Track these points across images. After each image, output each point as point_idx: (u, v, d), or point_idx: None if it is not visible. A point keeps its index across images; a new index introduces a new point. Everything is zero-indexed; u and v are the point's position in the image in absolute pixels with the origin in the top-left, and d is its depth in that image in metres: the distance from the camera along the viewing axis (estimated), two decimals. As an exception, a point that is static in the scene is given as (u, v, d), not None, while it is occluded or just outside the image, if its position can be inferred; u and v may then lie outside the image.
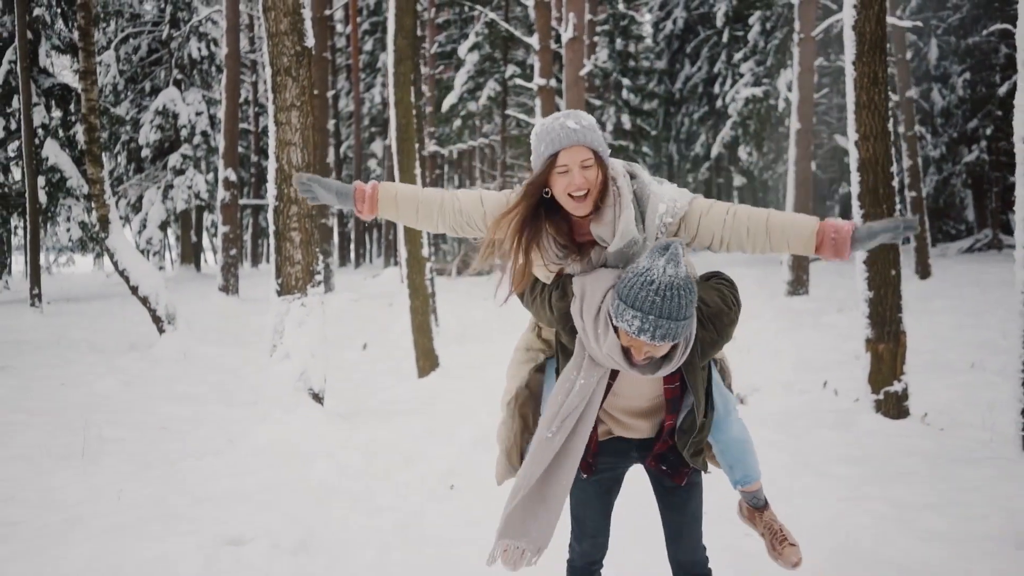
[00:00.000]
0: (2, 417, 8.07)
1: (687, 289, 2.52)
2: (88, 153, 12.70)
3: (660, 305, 2.49)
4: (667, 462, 2.98)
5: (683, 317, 2.52)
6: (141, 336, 14.01)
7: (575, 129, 2.65)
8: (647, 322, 2.49)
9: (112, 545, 4.39)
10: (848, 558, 4.08)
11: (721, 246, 2.79)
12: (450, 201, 2.92)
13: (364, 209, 2.92)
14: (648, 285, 2.51)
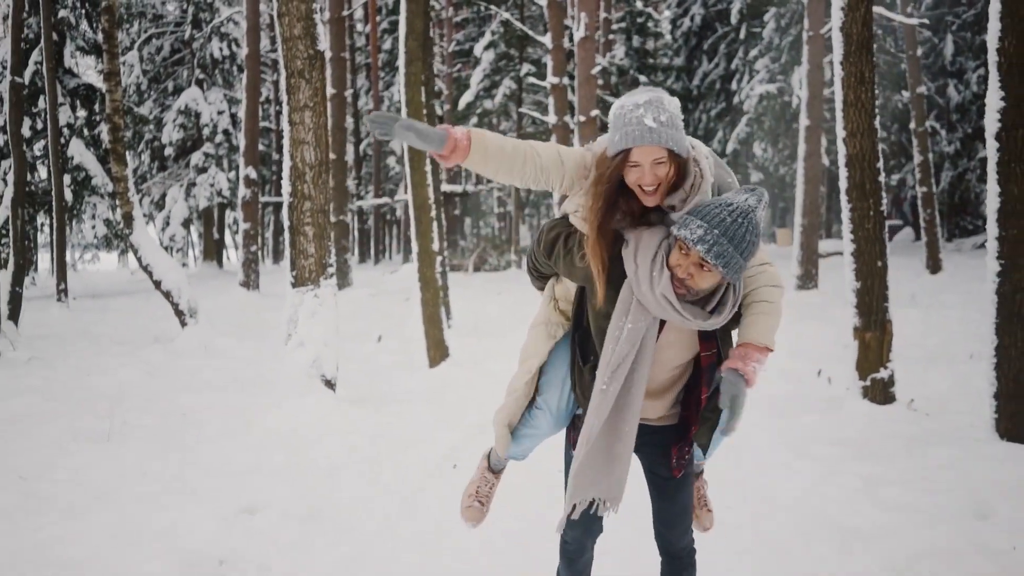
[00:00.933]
0: (34, 404, 8.47)
1: (756, 230, 2.52)
2: (113, 152, 13.11)
3: (729, 225, 2.49)
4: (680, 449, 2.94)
5: (743, 250, 2.50)
6: (164, 330, 14.43)
7: (652, 128, 2.59)
8: (710, 235, 2.48)
9: (136, 514, 4.76)
10: (813, 525, 4.39)
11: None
12: (532, 159, 2.88)
13: (451, 156, 2.83)
14: (727, 205, 2.52)
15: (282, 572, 4.06)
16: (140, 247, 13.03)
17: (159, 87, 31.35)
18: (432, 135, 2.77)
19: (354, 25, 33.02)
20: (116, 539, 4.33)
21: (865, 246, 7.00)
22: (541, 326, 3.07)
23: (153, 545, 4.23)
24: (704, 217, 2.50)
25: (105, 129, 24.41)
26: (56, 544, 4.32)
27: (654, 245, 2.65)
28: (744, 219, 2.49)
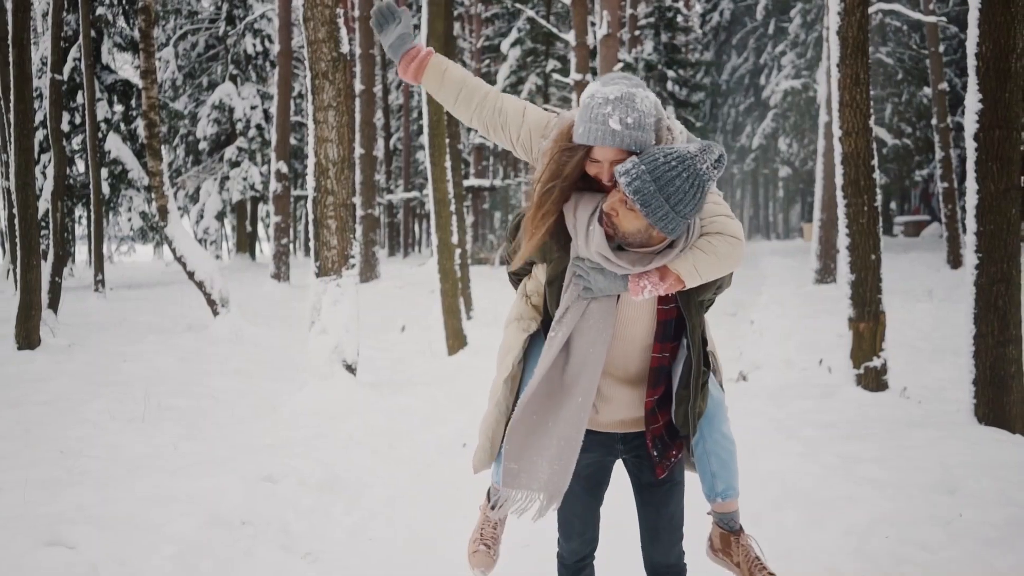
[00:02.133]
0: (73, 387, 8.97)
1: (693, 178, 2.44)
2: (149, 147, 13.61)
3: (659, 165, 2.43)
4: (657, 448, 2.81)
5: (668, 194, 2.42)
6: (197, 319, 14.94)
7: (615, 131, 2.53)
8: (636, 169, 2.44)
9: (168, 483, 5.21)
10: (787, 498, 4.76)
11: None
12: (493, 98, 2.86)
13: (408, 71, 2.82)
14: (666, 150, 2.47)
15: (300, 532, 4.49)
16: (174, 239, 13.53)
17: (194, 82, 31.98)
18: (400, 41, 2.80)
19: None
20: (149, 502, 4.77)
21: (859, 240, 7.33)
22: (514, 322, 2.97)
23: (183, 507, 4.67)
24: (641, 156, 2.46)
25: (141, 125, 25.05)
26: (94, 507, 4.77)
27: (595, 201, 2.62)
28: (678, 163, 2.43)
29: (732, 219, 2.63)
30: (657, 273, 2.54)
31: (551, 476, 2.71)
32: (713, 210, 2.62)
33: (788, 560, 3.98)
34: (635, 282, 2.54)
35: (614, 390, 2.80)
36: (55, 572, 3.82)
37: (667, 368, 2.76)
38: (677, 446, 2.83)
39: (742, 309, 14.94)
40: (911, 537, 4.08)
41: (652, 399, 2.78)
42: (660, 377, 2.77)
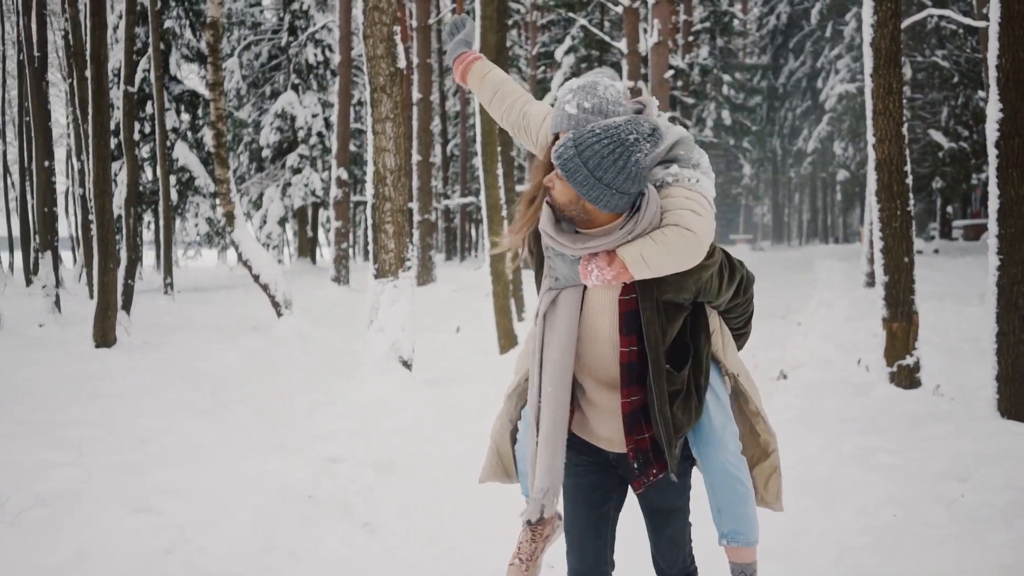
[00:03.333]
0: (148, 382, 9.59)
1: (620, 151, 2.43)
2: (216, 156, 14.28)
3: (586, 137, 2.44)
4: (638, 460, 2.71)
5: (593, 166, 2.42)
6: (261, 320, 15.59)
7: (570, 115, 2.61)
8: (566, 141, 2.46)
9: (241, 464, 5.74)
10: (805, 484, 5.12)
11: None
12: (522, 103, 2.98)
13: (457, 72, 3.11)
14: (602, 123, 2.48)
15: (359, 506, 4.98)
16: (240, 244, 14.17)
17: (257, 91, 32.81)
18: (455, 51, 3.12)
19: (442, 26, 34.07)
20: (224, 480, 5.30)
21: (893, 243, 7.63)
22: (530, 338, 2.88)
23: (256, 483, 5.19)
24: (577, 138, 2.46)
25: (210, 134, 25.94)
26: (176, 482, 5.31)
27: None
28: (602, 132, 2.43)
29: (697, 215, 2.55)
30: (605, 257, 2.53)
31: (540, 474, 2.70)
32: (680, 203, 2.57)
33: (802, 537, 4.36)
34: (583, 264, 2.55)
35: (598, 393, 2.74)
36: (147, 533, 4.35)
37: (638, 366, 2.63)
38: (659, 465, 2.71)
39: (792, 312, 15.17)
40: (915, 516, 4.42)
41: (628, 400, 2.67)
42: (633, 376, 2.65)
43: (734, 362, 2.85)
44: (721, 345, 2.81)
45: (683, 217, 2.52)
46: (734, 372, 2.84)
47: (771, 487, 2.95)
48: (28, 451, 6.62)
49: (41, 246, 16.67)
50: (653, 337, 2.58)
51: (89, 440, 6.97)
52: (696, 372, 2.68)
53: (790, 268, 27.53)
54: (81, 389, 9.27)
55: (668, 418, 2.61)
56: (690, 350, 2.68)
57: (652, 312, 2.57)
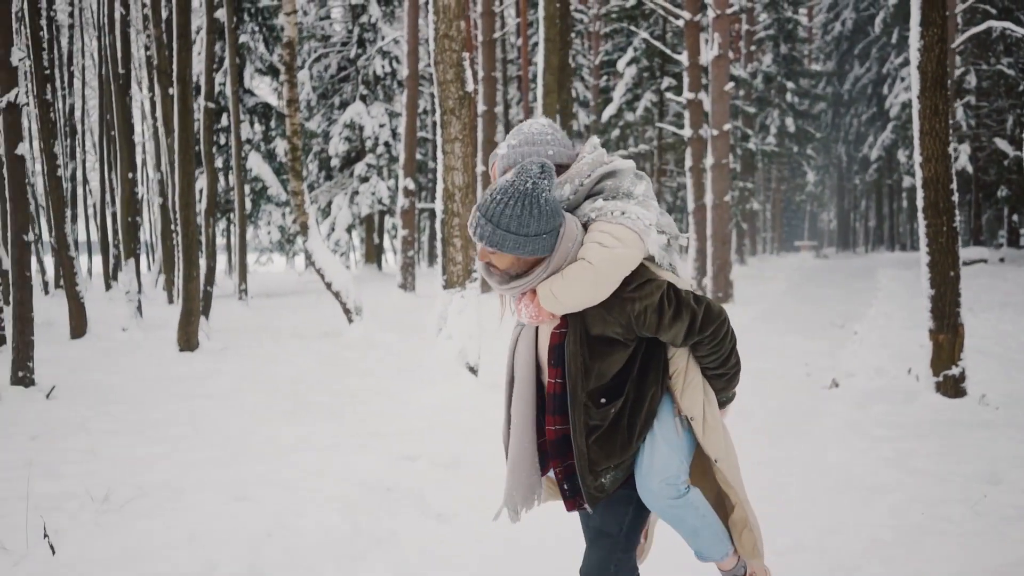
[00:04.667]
0: (231, 384, 10.25)
1: (531, 203, 2.52)
2: (292, 169, 14.98)
3: (488, 205, 2.55)
4: (570, 482, 2.79)
5: (508, 226, 2.52)
6: (332, 326, 16.24)
7: (503, 155, 2.82)
8: (482, 224, 2.55)
9: (324, 460, 6.32)
10: (844, 484, 5.52)
11: None
12: None
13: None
14: (495, 192, 2.57)
15: (432, 499, 5.49)
16: (314, 252, 14.85)
17: (326, 102, 33.71)
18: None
19: (506, 37, 34.64)
20: (310, 474, 5.88)
21: (939, 258, 7.94)
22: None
23: (339, 477, 5.77)
24: (480, 208, 2.58)
25: (283, 147, 26.89)
26: (266, 475, 5.90)
27: None
28: (500, 194, 2.54)
29: (602, 247, 2.60)
30: (530, 295, 2.68)
31: (512, 490, 2.85)
32: (591, 237, 2.65)
33: (837, 533, 4.76)
34: (516, 304, 2.72)
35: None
36: (247, 518, 4.93)
37: (561, 396, 2.73)
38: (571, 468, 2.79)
39: (850, 321, 15.37)
40: (940, 514, 4.81)
41: (554, 428, 2.76)
42: (556, 404, 2.74)
43: (691, 405, 2.81)
44: (681, 385, 2.80)
45: (587, 250, 2.61)
46: (689, 415, 2.81)
47: (745, 543, 2.97)
48: (127, 447, 7.29)
49: (125, 253, 17.53)
50: (573, 369, 2.67)
51: (181, 438, 7.62)
52: (633, 413, 2.72)
53: (853, 276, 27.54)
54: (169, 391, 9.97)
55: (583, 451, 2.70)
56: (624, 388, 2.72)
57: (575, 345, 2.66)
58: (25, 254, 9.69)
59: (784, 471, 6.00)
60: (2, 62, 9.49)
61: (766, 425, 7.53)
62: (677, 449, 2.78)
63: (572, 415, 2.68)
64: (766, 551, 4.38)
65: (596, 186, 2.79)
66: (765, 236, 55.98)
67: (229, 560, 4.35)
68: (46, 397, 9.46)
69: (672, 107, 30.25)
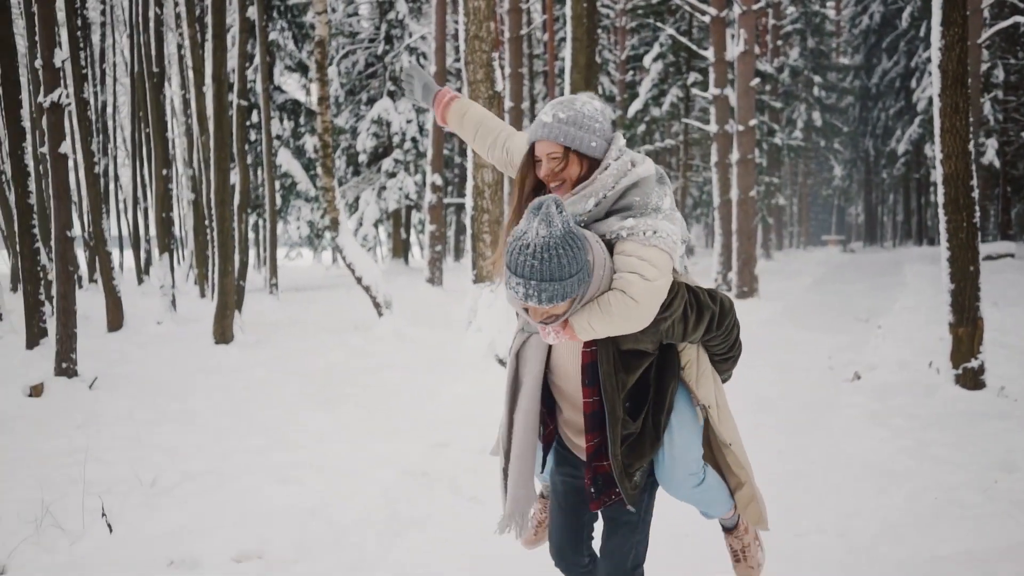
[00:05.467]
0: (267, 376, 10.54)
1: (566, 246, 2.45)
2: (323, 166, 15.25)
3: (539, 268, 2.44)
4: (597, 484, 2.86)
5: (566, 276, 2.46)
6: (362, 319, 16.51)
7: (546, 123, 2.70)
8: (530, 287, 2.45)
9: (362, 446, 6.59)
10: (864, 471, 5.72)
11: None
12: (504, 137, 3.05)
13: (437, 112, 3.16)
14: (524, 249, 2.46)
15: (466, 483, 5.75)
16: (344, 248, 15.12)
17: (354, 99, 34.02)
18: (428, 89, 3.17)
19: (532, 33, 34.80)
20: (351, 459, 6.16)
21: (959, 253, 8.09)
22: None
23: (378, 462, 6.04)
24: (515, 271, 2.48)
25: (312, 143, 27.24)
26: (309, 460, 6.18)
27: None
28: (547, 253, 2.44)
29: (645, 280, 2.58)
30: (561, 325, 2.62)
31: (512, 494, 2.88)
32: (630, 264, 2.60)
33: (855, 517, 4.96)
34: (542, 328, 2.64)
35: (574, 415, 2.89)
36: (293, 498, 5.20)
37: (600, 414, 2.78)
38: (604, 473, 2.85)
39: (875, 315, 15.46)
40: (954, 499, 5.00)
41: (592, 443, 2.82)
42: (596, 422, 2.79)
43: (707, 394, 2.91)
44: (695, 376, 2.89)
45: (629, 284, 2.56)
46: (705, 404, 2.91)
47: (750, 514, 3.10)
48: (170, 435, 7.59)
49: (159, 248, 17.86)
50: (610, 389, 2.70)
51: (222, 427, 7.91)
52: (657, 412, 2.80)
53: (879, 271, 27.53)
54: (207, 382, 10.27)
55: (619, 460, 2.75)
56: (649, 393, 2.80)
57: (609, 365, 2.69)
58: (68, 249, 10.01)
59: (806, 459, 6.20)
60: (46, 63, 9.80)
61: (789, 416, 7.73)
62: (694, 439, 2.90)
63: (610, 430, 2.72)
64: (787, 532, 4.62)
65: (621, 199, 2.71)
66: (791, 231, 55.86)
67: (279, 536, 4.62)
68: (89, 388, 9.78)
69: (698, 102, 30.35)
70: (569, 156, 2.70)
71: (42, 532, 4.93)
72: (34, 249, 10.79)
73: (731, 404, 3.10)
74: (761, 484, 4.76)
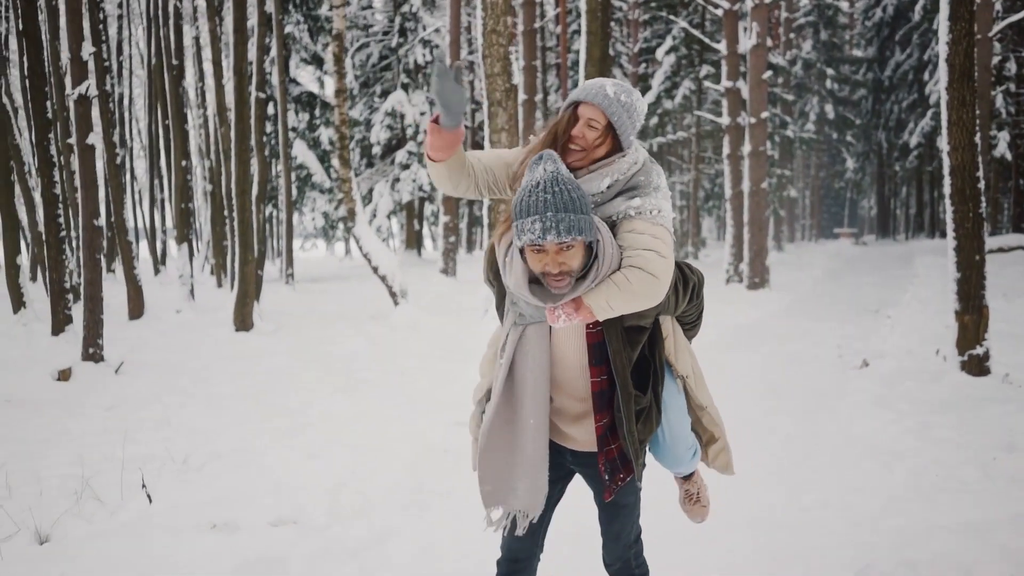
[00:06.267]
0: (288, 363, 10.80)
1: (573, 184, 2.50)
2: (340, 158, 15.51)
3: (553, 201, 2.45)
4: (609, 470, 2.86)
5: (579, 210, 2.48)
6: (378, 309, 16.79)
7: (607, 96, 2.72)
8: (547, 220, 2.44)
9: (384, 428, 6.84)
10: (868, 451, 5.93)
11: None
12: (481, 165, 2.90)
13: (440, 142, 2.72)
14: (535, 188, 2.47)
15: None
16: (361, 238, 15.38)
17: (368, 91, 34.26)
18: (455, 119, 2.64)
19: (545, 27, 34.95)
20: (376, 437, 6.43)
21: (965, 243, 8.29)
22: (493, 347, 3.04)
23: (401, 440, 6.30)
24: (528, 211, 2.47)
25: (327, 135, 27.48)
26: (333, 439, 6.43)
27: (509, 238, 2.69)
28: (559, 185, 2.47)
29: (661, 256, 2.62)
30: (572, 303, 2.61)
31: (525, 493, 2.81)
32: (643, 242, 2.63)
33: (859, 492, 5.18)
34: (550, 311, 2.61)
35: (569, 403, 2.85)
36: (321, 473, 5.46)
37: (608, 393, 2.79)
38: (627, 470, 2.86)
39: (885, 306, 15.64)
40: (954, 475, 5.22)
41: (601, 423, 2.81)
42: (604, 402, 2.80)
43: (684, 364, 2.97)
44: (673, 349, 2.93)
45: (648, 262, 2.59)
46: (684, 374, 2.96)
47: (720, 460, 3.17)
48: (197, 417, 7.86)
49: (178, 239, 18.16)
50: (620, 366, 2.71)
51: (246, 410, 8.18)
52: (656, 385, 2.83)
53: (890, 263, 27.68)
54: (229, 368, 10.54)
55: (635, 435, 2.76)
56: (651, 365, 2.82)
57: (618, 343, 2.71)
58: (96, 238, 10.29)
59: (813, 441, 6.43)
60: (74, 56, 10.07)
61: (798, 401, 7.94)
62: (684, 413, 2.98)
63: (624, 407, 2.72)
64: (793, 507, 4.85)
65: (630, 181, 2.78)
66: (803, 223, 55.91)
67: (311, 505, 4.89)
68: (115, 372, 10.07)
69: (710, 94, 30.47)
70: (608, 134, 2.73)
71: (82, 504, 5.19)
72: (59, 238, 11.08)
73: (741, 392, 3.29)
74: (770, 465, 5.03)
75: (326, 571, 4.18)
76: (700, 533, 4.43)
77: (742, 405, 7.37)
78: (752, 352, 10.89)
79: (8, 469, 5.86)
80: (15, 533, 4.71)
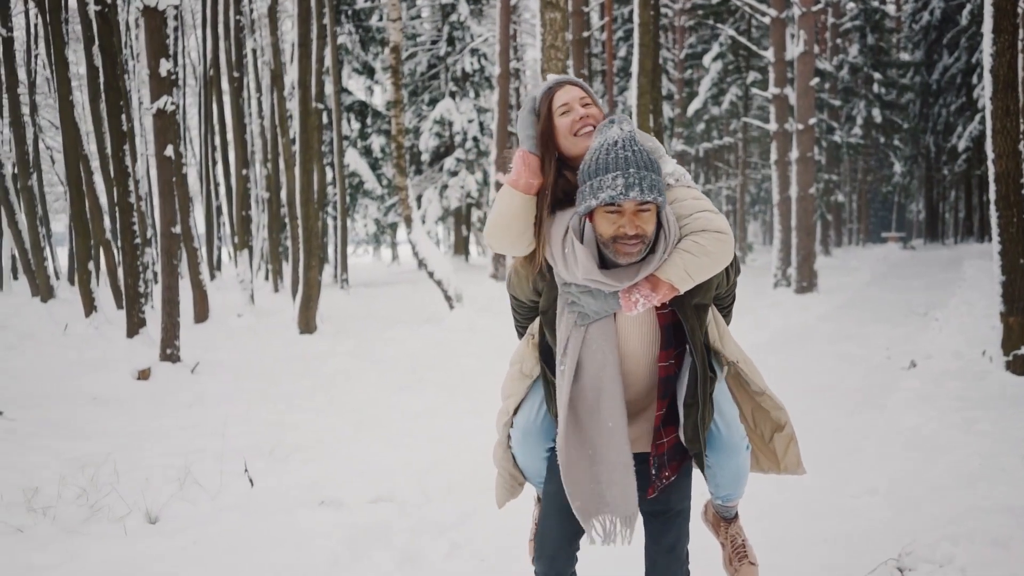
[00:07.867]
0: (351, 363, 11.29)
1: (644, 146, 2.47)
2: (396, 167, 16.03)
3: (634, 158, 2.41)
4: (656, 464, 2.78)
5: (657, 170, 2.44)
6: (433, 312, 17.28)
7: (568, 77, 2.68)
8: (631, 176, 2.39)
9: (452, 423, 7.30)
10: (912, 442, 6.28)
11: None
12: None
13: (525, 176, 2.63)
14: (612, 146, 2.43)
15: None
16: (417, 243, 15.89)
17: (417, 99, 34.87)
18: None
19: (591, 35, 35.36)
20: (442, 433, 6.92)
21: (1009, 247, 8.58)
22: (517, 364, 2.95)
23: (465, 437, 6.76)
24: (607, 168, 2.42)
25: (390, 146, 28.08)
26: (404, 434, 6.91)
27: (562, 229, 2.58)
28: (637, 145, 2.45)
29: (716, 213, 2.58)
30: (647, 284, 2.52)
31: (614, 500, 2.65)
32: (693, 206, 2.58)
33: (903, 480, 5.53)
34: (626, 298, 2.51)
35: (631, 398, 2.75)
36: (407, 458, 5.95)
37: (674, 377, 2.71)
38: (672, 467, 2.79)
39: (932, 309, 15.81)
40: (994, 464, 5.54)
41: (661, 412, 2.74)
42: (668, 388, 2.72)
43: (732, 350, 2.85)
44: (718, 336, 2.82)
45: (710, 221, 2.54)
46: (733, 359, 2.85)
47: (790, 455, 3.04)
48: (274, 413, 8.38)
49: (239, 244, 18.81)
50: (699, 344, 2.64)
51: (319, 406, 8.69)
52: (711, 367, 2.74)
53: (938, 267, 27.64)
54: (298, 368, 11.08)
55: (706, 420, 2.70)
56: (708, 348, 2.75)
57: (694, 320, 2.63)
58: (173, 245, 10.87)
59: (861, 435, 6.78)
60: (153, 72, 10.66)
61: (847, 398, 8.28)
62: (732, 402, 2.88)
63: (701, 389, 2.64)
64: (842, 495, 5.23)
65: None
66: (851, 228, 55.66)
67: (405, 486, 5.39)
68: (191, 372, 10.63)
69: (756, 100, 30.67)
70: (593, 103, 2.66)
71: (186, 489, 5.68)
72: (134, 244, 11.70)
73: (789, 390, 3.56)
74: (820, 455, 5.42)
75: (423, 543, 4.66)
76: (749, 516, 4.81)
77: (791, 402, 7.65)
78: (802, 353, 11.19)
79: (114, 458, 6.37)
80: (127, 514, 5.20)
